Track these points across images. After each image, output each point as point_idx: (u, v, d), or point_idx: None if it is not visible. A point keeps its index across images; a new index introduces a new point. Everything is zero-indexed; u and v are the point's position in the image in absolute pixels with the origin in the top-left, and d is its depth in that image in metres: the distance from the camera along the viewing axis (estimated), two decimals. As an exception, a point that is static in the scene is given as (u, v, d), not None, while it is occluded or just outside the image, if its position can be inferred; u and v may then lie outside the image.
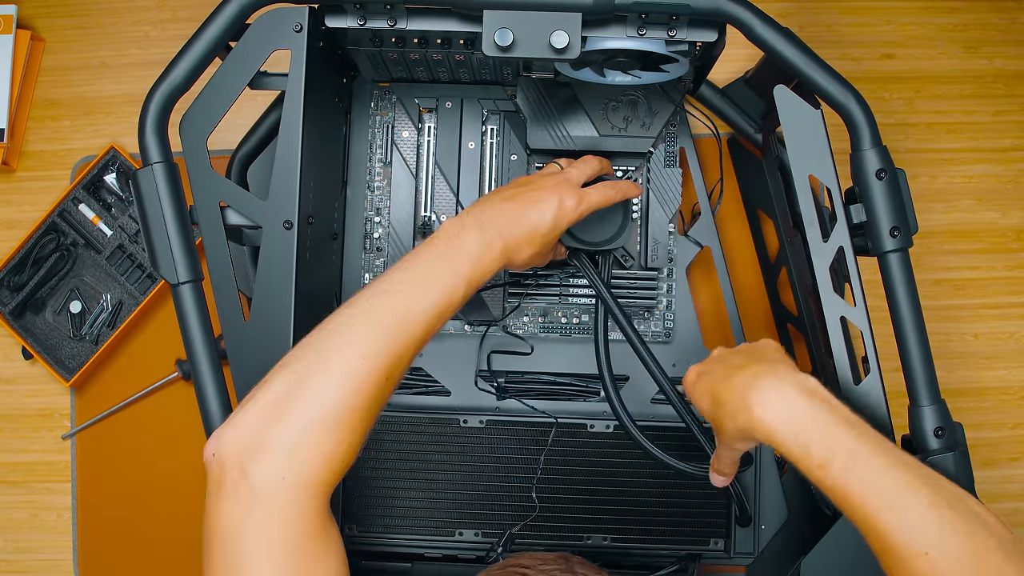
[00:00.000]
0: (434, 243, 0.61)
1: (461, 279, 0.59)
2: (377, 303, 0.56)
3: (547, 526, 0.80)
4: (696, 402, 0.62)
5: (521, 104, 0.79)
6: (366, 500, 0.80)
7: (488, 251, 0.61)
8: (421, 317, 0.57)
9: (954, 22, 0.90)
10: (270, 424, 0.50)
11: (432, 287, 0.58)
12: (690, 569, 0.79)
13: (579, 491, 0.80)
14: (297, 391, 0.51)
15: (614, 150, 0.80)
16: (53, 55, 0.93)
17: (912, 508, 0.52)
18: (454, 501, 0.80)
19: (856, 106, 0.63)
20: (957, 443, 0.63)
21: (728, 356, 0.62)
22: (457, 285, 0.59)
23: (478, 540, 0.80)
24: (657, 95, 0.79)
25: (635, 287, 0.82)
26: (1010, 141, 0.89)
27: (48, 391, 0.91)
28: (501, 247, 0.62)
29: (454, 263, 0.60)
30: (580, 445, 0.80)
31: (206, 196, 0.66)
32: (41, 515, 0.91)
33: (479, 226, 0.62)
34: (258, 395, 0.52)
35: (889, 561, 0.52)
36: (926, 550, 0.51)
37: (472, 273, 0.60)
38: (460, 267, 0.60)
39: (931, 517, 0.52)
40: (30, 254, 0.88)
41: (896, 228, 0.63)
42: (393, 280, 0.58)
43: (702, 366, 0.63)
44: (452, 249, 0.60)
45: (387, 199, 0.84)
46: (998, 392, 0.88)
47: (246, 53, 0.66)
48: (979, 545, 0.51)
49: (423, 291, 0.58)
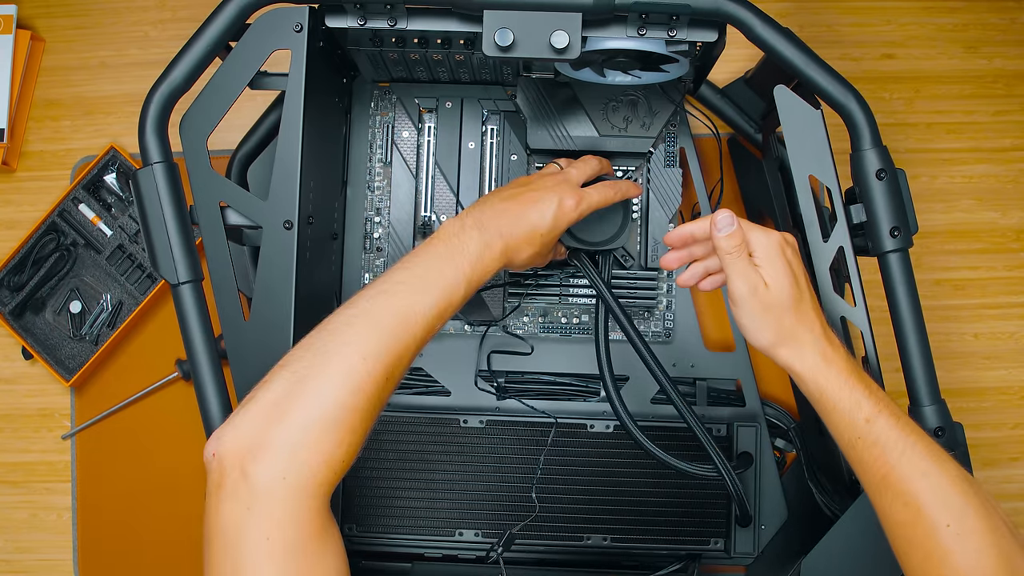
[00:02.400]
0: (434, 243, 0.61)
1: (461, 279, 0.59)
2: (377, 303, 0.56)
3: (547, 526, 0.80)
4: (771, 265, 0.59)
5: (521, 104, 0.79)
6: (366, 500, 0.80)
7: (488, 251, 0.61)
8: (421, 317, 0.57)
9: (954, 22, 0.90)
10: (270, 424, 0.50)
11: (432, 287, 0.58)
12: (690, 569, 0.79)
13: (579, 491, 0.80)
14: (297, 391, 0.51)
15: (614, 150, 0.80)
16: (53, 55, 0.93)
17: (944, 478, 0.54)
18: (454, 501, 0.80)
19: (856, 106, 0.63)
20: (957, 443, 0.64)
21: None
22: (457, 285, 0.59)
23: (478, 540, 0.80)
24: (657, 95, 0.79)
25: (635, 287, 0.82)
26: (1010, 141, 0.89)
27: (48, 391, 0.91)
28: (501, 247, 0.62)
29: (454, 263, 0.60)
30: (580, 445, 0.80)
31: (206, 196, 0.66)
32: (41, 515, 0.91)
33: (479, 226, 0.62)
34: (258, 395, 0.52)
35: (913, 532, 0.54)
36: (949, 522, 0.52)
37: (472, 273, 0.60)
38: (460, 267, 0.60)
39: (957, 491, 0.53)
40: (30, 254, 0.88)
41: (896, 228, 0.63)
42: (393, 280, 0.58)
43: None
44: (452, 249, 0.60)
45: (387, 199, 0.84)
46: (998, 392, 0.88)
47: (246, 53, 0.66)
48: (996, 529, 0.53)
49: (423, 291, 0.58)
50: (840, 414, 0.57)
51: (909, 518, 0.54)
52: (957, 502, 0.53)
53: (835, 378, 0.57)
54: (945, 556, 0.52)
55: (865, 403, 0.56)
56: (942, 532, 0.52)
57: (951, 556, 0.52)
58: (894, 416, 0.56)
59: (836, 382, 0.57)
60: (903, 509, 0.54)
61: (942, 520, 0.53)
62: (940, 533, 0.53)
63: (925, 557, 0.53)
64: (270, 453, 0.49)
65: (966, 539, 0.52)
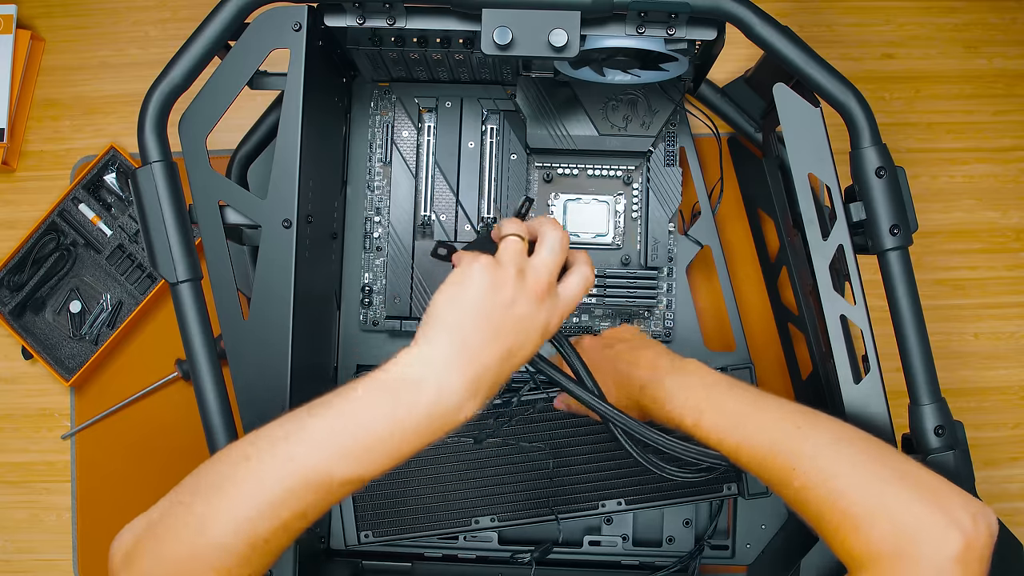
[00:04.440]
0: (430, 421, 0.52)
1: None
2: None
3: (560, 498, 0.78)
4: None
5: (521, 104, 0.79)
6: (366, 500, 0.80)
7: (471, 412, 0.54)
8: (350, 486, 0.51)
9: (954, 22, 0.90)
10: (146, 544, 0.50)
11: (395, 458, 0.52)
12: (690, 568, 0.79)
13: (591, 459, 0.78)
14: (179, 523, 0.49)
15: (614, 149, 0.80)
16: (53, 55, 0.93)
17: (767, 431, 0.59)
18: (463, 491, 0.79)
19: (855, 104, 0.63)
20: (957, 441, 0.63)
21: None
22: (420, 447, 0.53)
23: (494, 526, 0.78)
24: (657, 94, 0.79)
25: (635, 286, 0.82)
26: (1010, 141, 0.89)
27: (48, 391, 0.91)
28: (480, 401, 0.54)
29: (440, 432, 0.53)
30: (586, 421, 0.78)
31: (205, 195, 0.66)
32: (41, 515, 0.91)
33: (477, 397, 0.53)
34: (155, 506, 0.51)
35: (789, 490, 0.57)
36: (794, 466, 0.56)
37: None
38: (439, 433, 0.53)
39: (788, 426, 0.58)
40: (30, 254, 0.88)
41: (896, 226, 0.63)
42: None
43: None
44: (448, 425, 0.53)
45: (387, 199, 0.84)
46: (998, 392, 0.88)
47: (245, 52, 0.66)
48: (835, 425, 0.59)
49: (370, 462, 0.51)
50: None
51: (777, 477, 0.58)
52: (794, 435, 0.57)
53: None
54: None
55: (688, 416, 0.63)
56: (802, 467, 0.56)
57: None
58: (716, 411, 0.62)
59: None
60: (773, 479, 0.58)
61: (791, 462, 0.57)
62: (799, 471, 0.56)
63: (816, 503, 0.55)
64: (137, 571, 0.50)
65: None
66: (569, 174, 0.83)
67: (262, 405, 0.66)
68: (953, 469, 0.62)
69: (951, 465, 0.62)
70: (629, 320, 0.84)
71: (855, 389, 0.66)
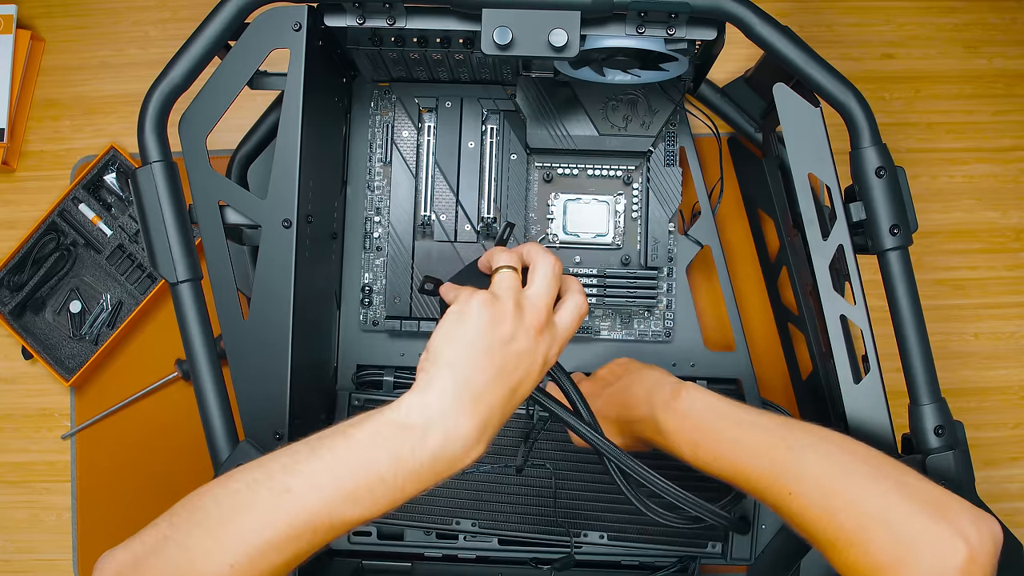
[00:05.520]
0: (434, 464, 0.51)
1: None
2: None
3: (542, 519, 0.80)
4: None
5: (521, 104, 0.79)
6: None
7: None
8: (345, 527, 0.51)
9: (954, 22, 0.90)
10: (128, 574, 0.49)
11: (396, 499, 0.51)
12: (690, 569, 0.79)
13: (578, 487, 0.80)
14: (169, 563, 0.48)
15: (614, 149, 0.80)
16: (53, 55, 0.93)
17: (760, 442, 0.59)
18: (452, 497, 0.80)
19: (855, 103, 0.63)
20: (957, 441, 0.63)
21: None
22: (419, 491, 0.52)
23: (473, 530, 0.79)
24: (657, 94, 0.79)
25: (635, 286, 0.82)
26: (1010, 141, 0.89)
27: (48, 391, 0.91)
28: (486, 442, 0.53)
29: (445, 476, 0.52)
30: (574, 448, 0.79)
31: (205, 195, 0.66)
32: (41, 515, 0.90)
33: (483, 439, 0.52)
34: (141, 536, 0.50)
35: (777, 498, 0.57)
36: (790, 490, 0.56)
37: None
38: (444, 476, 0.52)
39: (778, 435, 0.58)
40: (30, 254, 0.88)
41: (896, 226, 0.63)
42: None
43: None
44: (453, 470, 0.52)
45: (387, 199, 0.84)
46: (998, 392, 0.88)
47: (245, 52, 0.66)
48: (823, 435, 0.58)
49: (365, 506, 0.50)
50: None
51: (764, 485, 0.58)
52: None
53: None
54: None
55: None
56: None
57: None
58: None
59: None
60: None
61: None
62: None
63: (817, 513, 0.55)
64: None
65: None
66: (569, 174, 0.83)
67: (262, 405, 0.66)
68: (953, 469, 0.62)
69: (951, 465, 0.62)
70: (629, 320, 0.84)
71: (855, 389, 0.66)
